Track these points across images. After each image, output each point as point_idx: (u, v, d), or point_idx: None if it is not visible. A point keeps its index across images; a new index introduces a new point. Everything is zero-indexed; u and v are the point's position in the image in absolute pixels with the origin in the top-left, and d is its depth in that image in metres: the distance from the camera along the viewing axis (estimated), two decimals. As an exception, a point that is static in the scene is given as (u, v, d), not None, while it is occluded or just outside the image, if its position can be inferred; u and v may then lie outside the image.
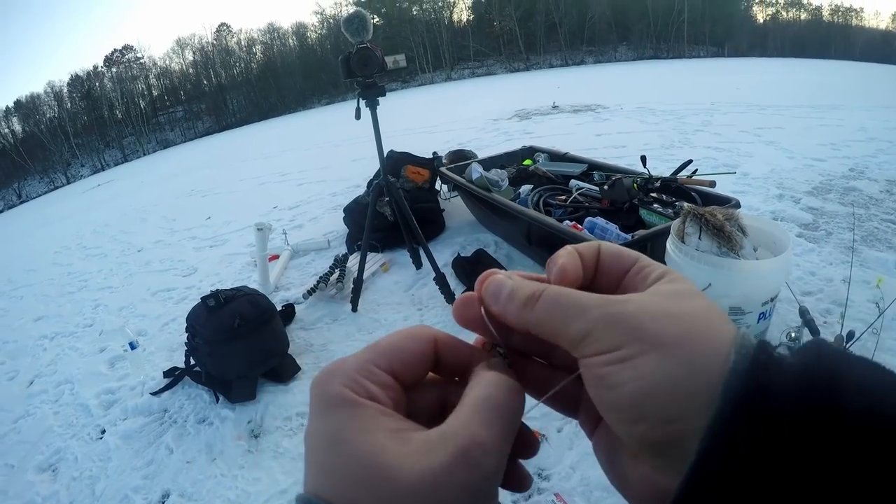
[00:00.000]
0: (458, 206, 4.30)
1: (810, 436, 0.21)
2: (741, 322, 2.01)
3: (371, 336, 2.86)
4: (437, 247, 3.76)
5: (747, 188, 4.24)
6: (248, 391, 2.48)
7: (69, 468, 2.31)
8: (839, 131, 5.61)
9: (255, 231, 3.52)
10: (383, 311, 3.10)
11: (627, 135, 7.00)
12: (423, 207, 3.90)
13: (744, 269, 1.90)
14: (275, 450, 2.17)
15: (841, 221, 3.44)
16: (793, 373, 0.23)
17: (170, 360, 2.94)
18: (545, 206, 3.25)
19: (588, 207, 3.11)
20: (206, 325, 2.51)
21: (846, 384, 0.22)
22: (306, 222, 5.15)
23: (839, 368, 0.23)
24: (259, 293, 2.76)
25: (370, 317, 3.05)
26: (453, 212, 4.34)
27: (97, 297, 4.32)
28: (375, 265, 3.58)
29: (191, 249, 5.10)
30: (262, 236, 3.51)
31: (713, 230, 2.00)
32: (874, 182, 4.04)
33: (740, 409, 0.23)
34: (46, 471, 2.34)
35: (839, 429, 0.21)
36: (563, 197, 3.32)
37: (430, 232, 3.94)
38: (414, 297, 3.23)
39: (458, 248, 3.70)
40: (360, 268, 3.03)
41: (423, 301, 3.15)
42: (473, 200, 3.80)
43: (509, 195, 3.49)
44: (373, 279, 3.47)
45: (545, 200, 3.29)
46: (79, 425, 2.59)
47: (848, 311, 2.28)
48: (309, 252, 4.22)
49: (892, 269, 2.77)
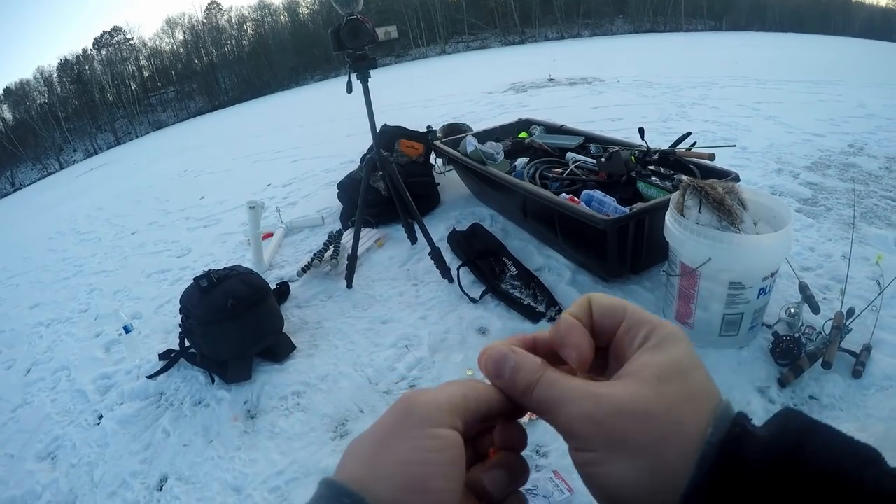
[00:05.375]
0: (454, 179, 4.23)
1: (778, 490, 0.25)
2: (741, 297, 1.98)
3: (366, 312, 2.82)
4: (432, 221, 3.70)
5: (746, 162, 4.18)
6: (243, 371, 2.45)
7: (68, 455, 2.29)
8: (838, 107, 5.54)
9: (248, 209, 3.46)
10: (378, 286, 3.06)
11: (624, 108, 6.90)
12: (418, 181, 3.84)
13: (744, 243, 1.86)
14: (271, 430, 2.15)
15: (840, 197, 3.39)
16: (763, 443, 0.27)
17: (165, 342, 2.91)
18: (541, 178, 3.19)
19: (585, 180, 3.06)
20: (200, 306, 2.47)
21: (809, 451, 0.26)
22: (300, 199, 5.09)
23: (802, 439, 0.27)
24: (252, 272, 2.72)
25: (365, 293, 3.01)
26: (448, 186, 4.28)
27: (92, 281, 4.28)
28: (370, 241, 3.53)
29: (184, 230, 5.05)
30: (254, 214, 3.45)
31: (713, 203, 1.95)
32: (873, 158, 3.99)
33: (715, 470, 0.27)
34: (46, 459, 2.32)
35: (802, 485, 0.25)
36: (559, 170, 3.26)
37: (425, 206, 3.88)
38: (409, 272, 3.19)
39: (453, 223, 3.66)
40: (355, 244, 2.99)
41: (418, 276, 3.12)
42: (468, 174, 3.75)
43: (505, 168, 3.44)
44: (367, 255, 3.43)
45: (541, 173, 3.23)
46: (76, 412, 2.57)
47: (847, 287, 2.25)
48: (303, 229, 4.17)
49: (892, 247, 2.74)
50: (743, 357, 2.09)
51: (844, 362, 1.97)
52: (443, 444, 0.30)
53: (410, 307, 2.83)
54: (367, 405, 2.21)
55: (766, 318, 2.17)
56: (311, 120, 11.49)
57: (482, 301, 2.74)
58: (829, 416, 1.77)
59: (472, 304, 2.74)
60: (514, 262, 2.97)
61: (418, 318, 2.71)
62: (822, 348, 1.96)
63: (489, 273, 2.87)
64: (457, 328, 2.60)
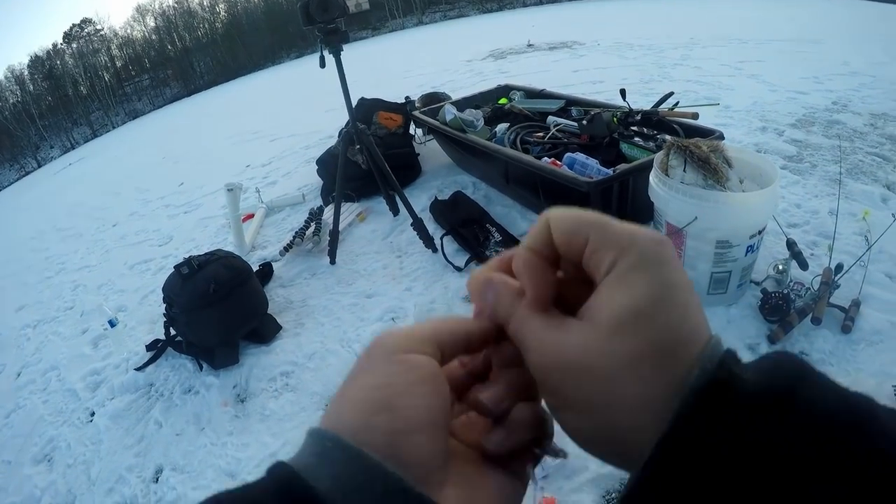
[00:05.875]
0: (434, 149, 4.17)
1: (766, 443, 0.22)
2: (728, 255, 1.96)
3: (351, 287, 2.80)
4: (413, 192, 3.66)
5: (729, 121, 4.13)
6: (230, 356, 2.44)
7: (63, 456, 2.28)
8: (822, 65, 5.46)
9: (226, 192, 3.40)
10: (362, 260, 3.03)
11: (605, 70, 6.79)
12: (398, 153, 3.79)
13: (731, 201, 1.84)
14: (261, 413, 2.14)
15: (825, 154, 3.36)
16: (751, 390, 0.24)
17: (152, 332, 2.88)
18: (522, 143, 3.15)
19: (567, 143, 3.02)
20: (182, 294, 2.44)
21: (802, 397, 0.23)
22: (280, 178, 5.02)
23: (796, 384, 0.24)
24: (233, 255, 2.69)
25: (349, 268, 2.98)
26: (429, 156, 4.21)
27: (75, 278, 4.23)
28: (351, 215, 3.49)
29: (165, 218, 4.98)
30: (233, 196, 3.39)
31: (698, 162, 1.93)
32: (858, 115, 3.94)
33: (692, 422, 0.24)
34: (42, 462, 2.31)
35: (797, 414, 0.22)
36: (540, 134, 3.22)
37: (407, 177, 3.84)
38: (392, 244, 3.16)
39: (435, 192, 3.61)
40: (336, 219, 2.94)
41: (402, 248, 3.09)
42: (449, 142, 3.70)
43: (485, 135, 3.38)
44: (350, 229, 3.39)
45: (522, 138, 3.19)
46: (68, 411, 2.55)
47: (835, 243, 2.24)
48: (284, 208, 4.12)
49: (878, 203, 2.72)
50: (732, 315, 2.08)
51: (834, 318, 1.96)
52: (409, 366, 0.29)
53: (395, 279, 2.80)
54: (356, 381, 2.18)
55: (754, 275, 2.16)
56: (288, 98, 11.30)
57: (467, 269, 2.72)
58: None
59: (457, 273, 2.72)
60: (497, 228, 2.94)
61: (403, 290, 2.69)
62: (811, 304, 1.95)
63: (473, 241, 2.84)
64: (442, 298, 2.57)
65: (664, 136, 2.65)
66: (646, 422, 0.25)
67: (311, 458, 0.25)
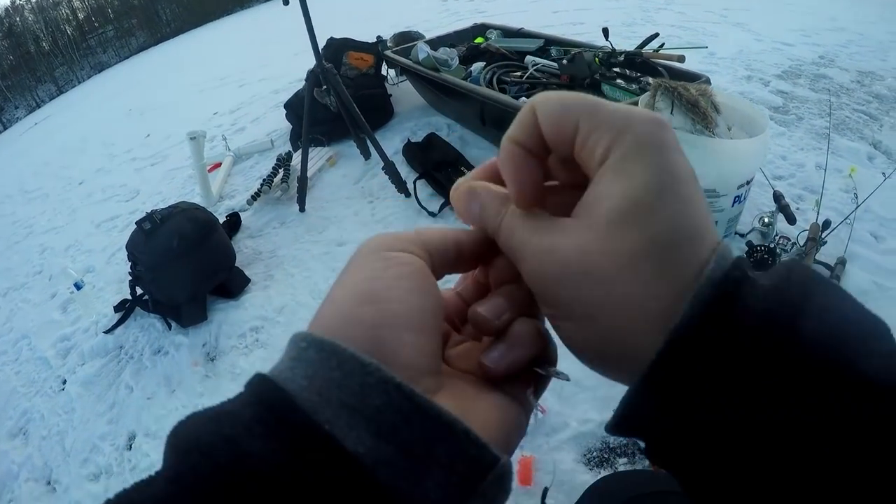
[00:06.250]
0: (408, 90, 3.96)
1: (767, 353, 0.22)
2: (715, 205, 1.89)
3: (321, 235, 2.69)
4: (386, 134, 3.51)
5: (714, 68, 3.97)
6: (198, 313, 2.34)
7: (38, 428, 2.22)
8: (809, 19, 5.27)
9: (189, 141, 3.22)
10: (333, 207, 2.91)
11: (586, 12, 6.51)
12: (369, 94, 3.60)
13: (720, 148, 1.74)
14: (231, 371, 2.08)
15: (812, 107, 3.25)
16: (762, 293, 0.23)
17: (120, 292, 2.77)
18: (499, 83, 2.99)
19: (546, 83, 2.88)
20: (145, 251, 2.33)
21: (811, 308, 0.22)
22: (248, 124, 4.81)
23: (807, 291, 0.23)
24: (197, 206, 2.56)
25: (319, 215, 2.86)
26: (402, 97, 4.01)
27: (43, 241, 4.07)
28: (321, 160, 3.33)
29: (132, 171, 4.79)
30: (196, 145, 3.21)
31: (687, 105, 1.83)
32: (845, 71, 3.80)
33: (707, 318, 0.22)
34: (18, 436, 2.25)
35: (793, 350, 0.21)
36: (518, 73, 3.05)
37: (379, 119, 3.68)
38: (364, 188, 3.03)
39: (408, 134, 3.44)
40: (303, 165, 2.80)
41: (373, 192, 2.96)
42: (422, 82, 3.50)
43: (460, 74, 3.20)
44: (319, 175, 3.24)
45: (499, 78, 3.03)
46: (40, 380, 2.47)
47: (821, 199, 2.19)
48: (252, 155, 3.94)
49: (864, 161, 2.64)
50: None
51: None
52: (397, 261, 0.27)
53: (367, 226, 2.69)
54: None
55: (738, 227, 2.11)
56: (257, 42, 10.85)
57: (442, 214, 2.62)
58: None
59: (431, 218, 2.62)
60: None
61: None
62: (797, 260, 1.89)
63: (448, 184, 2.71)
64: None
65: (648, 79, 2.55)
66: (644, 328, 0.24)
67: (286, 363, 0.24)
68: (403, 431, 0.22)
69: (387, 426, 0.22)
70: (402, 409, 0.22)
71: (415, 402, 0.22)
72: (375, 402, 0.22)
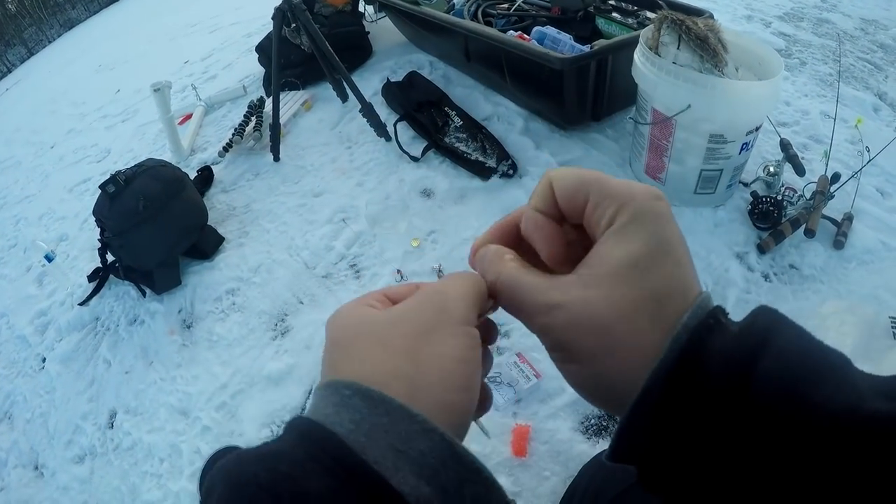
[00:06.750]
0: (387, 27, 3.71)
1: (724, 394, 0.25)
2: (722, 152, 1.72)
3: (297, 186, 2.52)
4: (364, 74, 3.28)
5: (713, 5, 3.67)
6: (171, 277, 2.20)
7: (21, 411, 2.14)
8: None
9: (153, 93, 3.00)
10: (309, 155, 2.72)
11: None
12: (345, 32, 3.36)
13: (731, 89, 1.56)
14: (208, 338, 1.95)
15: (815, 52, 3.04)
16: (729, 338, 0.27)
17: (94, 260, 2.60)
18: (484, 16, 2.75)
19: (535, 16, 2.63)
20: (111, 216, 2.17)
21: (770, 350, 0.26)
22: (220, 71, 4.54)
23: (768, 335, 0.26)
24: (164, 163, 2.38)
25: (295, 164, 2.67)
26: (381, 34, 3.75)
27: (17, 212, 3.89)
28: (296, 104, 3.11)
29: (102, 130, 4.56)
30: (161, 97, 2.99)
31: (696, 40, 1.63)
32: (848, 18, 3.54)
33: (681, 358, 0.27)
34: (3, 420, 2.16)
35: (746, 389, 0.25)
36: (505, 6, 2.81)
37: (357, 59, 3.45)
38: (341, 133, 2.83)
39: (388, 74, 3.21)
40: (275, 111, 2.60)
41: (351, 137, 2.77)
42: (402, 17, 3.25)
43: (442, 7, 2.95)
44: (295, 121, 3.03)
45: (484, 10, 2.79)
46: (21, 360, 2.37)
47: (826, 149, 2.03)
48: (224, 103, 3.70)
49: (870, 111, 2.46)
50: (719, 217, 1.89)
51: (826, 231, 1.79)
52: (476, 342, 0.31)
53: (345, 174, 2.52)
54: (306, 294, 2.00)
55: (743, 175, 1.96)
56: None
57: (425, 159, 2.45)
58: (810, 288, 1.67)
59: (413, 164, 2.45)
60: (458, 112, 2.61)
61: (355, 186, 2.42)
62: (804, 214, 1.75)
63: (431, 126, 2.53)
64: (397, 193, 2.32)
65: (645, 13, 2.36)
66: (639, 368, 0.28)
67: (330, 409, 0.27)
68: (441, 475, 0.26)
69: (429, 469, 0.26)
70: (443, 456, 0.26)
71: (455, 450, 0.27)
72: (420, 447, 0.26)
